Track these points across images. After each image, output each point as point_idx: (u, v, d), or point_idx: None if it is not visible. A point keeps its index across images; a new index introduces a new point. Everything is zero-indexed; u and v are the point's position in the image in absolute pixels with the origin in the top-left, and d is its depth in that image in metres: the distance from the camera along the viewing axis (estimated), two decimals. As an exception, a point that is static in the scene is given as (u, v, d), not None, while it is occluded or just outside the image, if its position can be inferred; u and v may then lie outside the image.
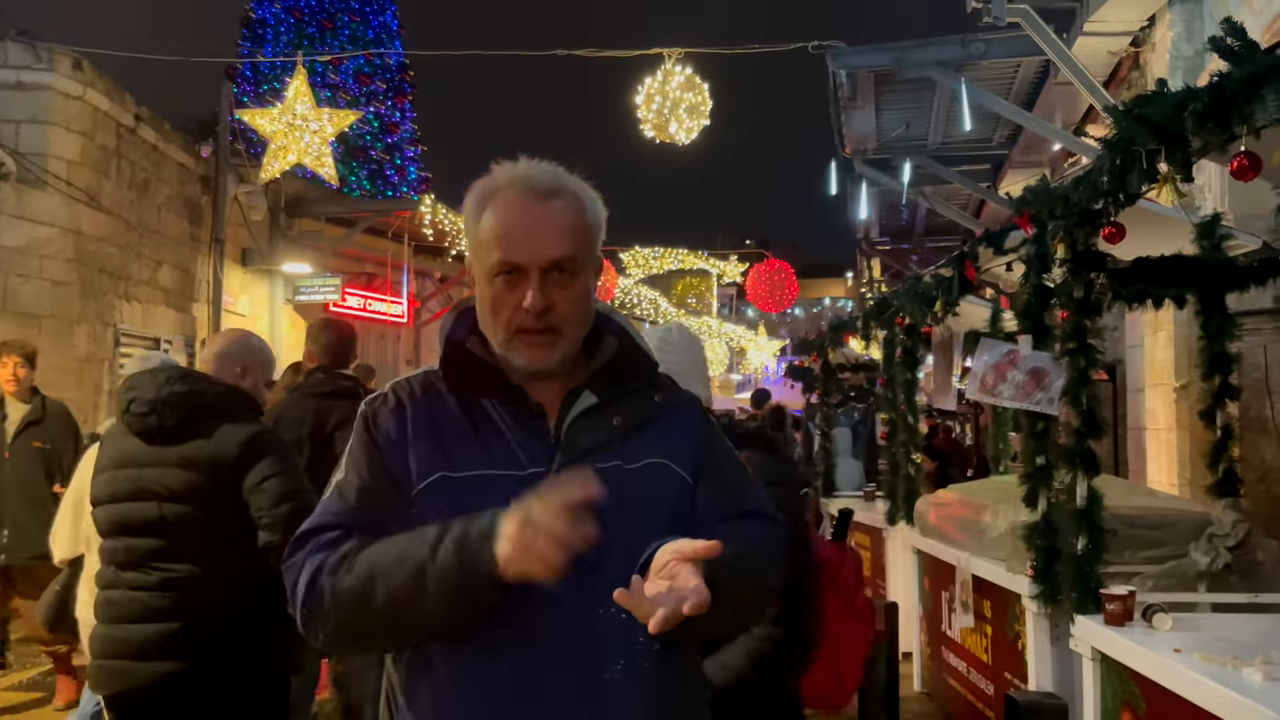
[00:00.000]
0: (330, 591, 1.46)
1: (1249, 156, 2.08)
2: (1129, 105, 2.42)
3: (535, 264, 1.51)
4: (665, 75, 8.03)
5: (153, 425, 2.91)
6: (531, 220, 1.52)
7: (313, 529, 1.55)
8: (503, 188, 1.56)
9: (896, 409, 6.55)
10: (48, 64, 8.98)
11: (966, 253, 4.21)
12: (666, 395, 1.67)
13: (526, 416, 1.57)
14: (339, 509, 1.54)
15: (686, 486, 1.61)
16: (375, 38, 22.48)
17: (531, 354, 1.54)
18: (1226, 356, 4.15)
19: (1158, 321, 6.73)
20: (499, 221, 1.53)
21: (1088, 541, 3.51)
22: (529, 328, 1.53)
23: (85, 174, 9.41)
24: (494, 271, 1.53)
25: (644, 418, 1.61)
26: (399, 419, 1.58)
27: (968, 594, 5.14)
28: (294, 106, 9.38)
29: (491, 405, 1.57)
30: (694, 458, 1.63)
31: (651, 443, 1.59)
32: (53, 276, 9.01)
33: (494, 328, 1.56)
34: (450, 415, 1.57)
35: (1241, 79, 1.98)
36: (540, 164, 1.59)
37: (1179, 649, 2.99)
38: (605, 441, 1.56)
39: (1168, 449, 6.63)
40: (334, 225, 14.67)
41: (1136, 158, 2.48)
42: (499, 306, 1.54)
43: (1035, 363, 4.06)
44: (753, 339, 32.00)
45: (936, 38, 7.74)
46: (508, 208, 1.54)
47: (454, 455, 1.53)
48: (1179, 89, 2.25)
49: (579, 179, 1.61)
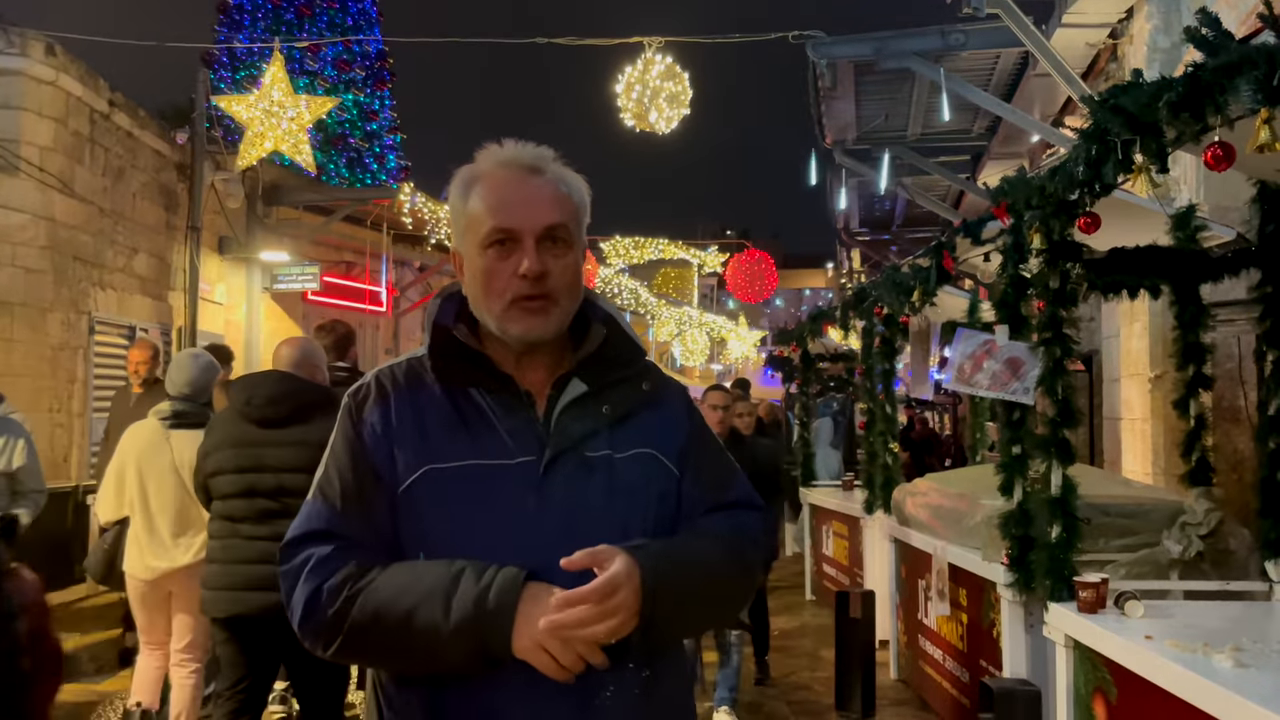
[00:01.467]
0: (331, 619, 1.46)
1: (1223, 147, 2.09)
2: (1104, 95, 2.43)
3: (530, 230, 1.51)
4: (645, 64, 8.00)
5: (270, 414, 3.81)
6: (524, 190, 1.53)
7: (301, 536, 1.53)
8: (490, 169, 1.56)
9: (875, 398, 6.57)
10: (20, 49, 8.83)
11: (944, 243, 4.23)
12: (654, 383, 1.66)
13: (515, 404, 1.54)
14: (324, 514, 1.52)
15: (673, 478, 1.60)
16: (354, 25, 22.27)
17: (529, 322, 1.52)
18: (1201, 347, 4.18)
19: (1133, 312, 6.78)
20: (489, 193, 1.53)
21: (1062, 530, 3.54)
22: (526, 294, 1.51)
23: (58, 160, 9.28)
24: (487, 242, 1.52)
25: (632, 406, 1.59)
26: (383, 410, 1.55)
27: (944, 582, 5.18)
28: (271, 93, 9.28)
29: (479, 393, 1.54)
30: (679, 449, 1.62)
31: (639, 432, 1.58)
32: (25, 264, 8.88)
33: (487, 300, 1.53)
34: (436, 404, 1.54)
35: (1215, 69, 1.99)
36: (526, 144, 1.59)
37: (1150, 635, 3.02)
38: (595, 430, 1.54)
39: (1142, 439, 6.68)
40: (312, 213, 14.53)
41: (1112, 148, 2.49)
42: (493, 277, 1.52)
43: (1011, 352, 4.08)
44: (733, 329, 32.05)
45: (916, 28, 7.75)
46: (498, 183, 1.54)
47: (440, 446, 1.51)
48: (1154, 80, 2.26)
49: (563, 163, 1.61)
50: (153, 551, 4.50)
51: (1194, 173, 6.12)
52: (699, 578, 1.52)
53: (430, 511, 1.49)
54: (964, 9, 6.75)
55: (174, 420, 4.59)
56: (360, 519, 1.51)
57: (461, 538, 1.47)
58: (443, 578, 1.44)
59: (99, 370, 10.13)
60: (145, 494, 4.54)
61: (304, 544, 1.52)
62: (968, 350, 4.19)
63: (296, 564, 1.51)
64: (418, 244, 16.05)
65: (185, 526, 4.52)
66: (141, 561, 4.52)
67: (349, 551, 1.50)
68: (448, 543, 1.48)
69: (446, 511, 1.49)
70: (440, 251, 16.13)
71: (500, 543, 1.46)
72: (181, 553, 4.50)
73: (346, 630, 1.46)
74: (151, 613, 4.64)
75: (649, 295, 25.10)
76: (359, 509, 1.51)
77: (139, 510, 4.54)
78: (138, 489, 4.54)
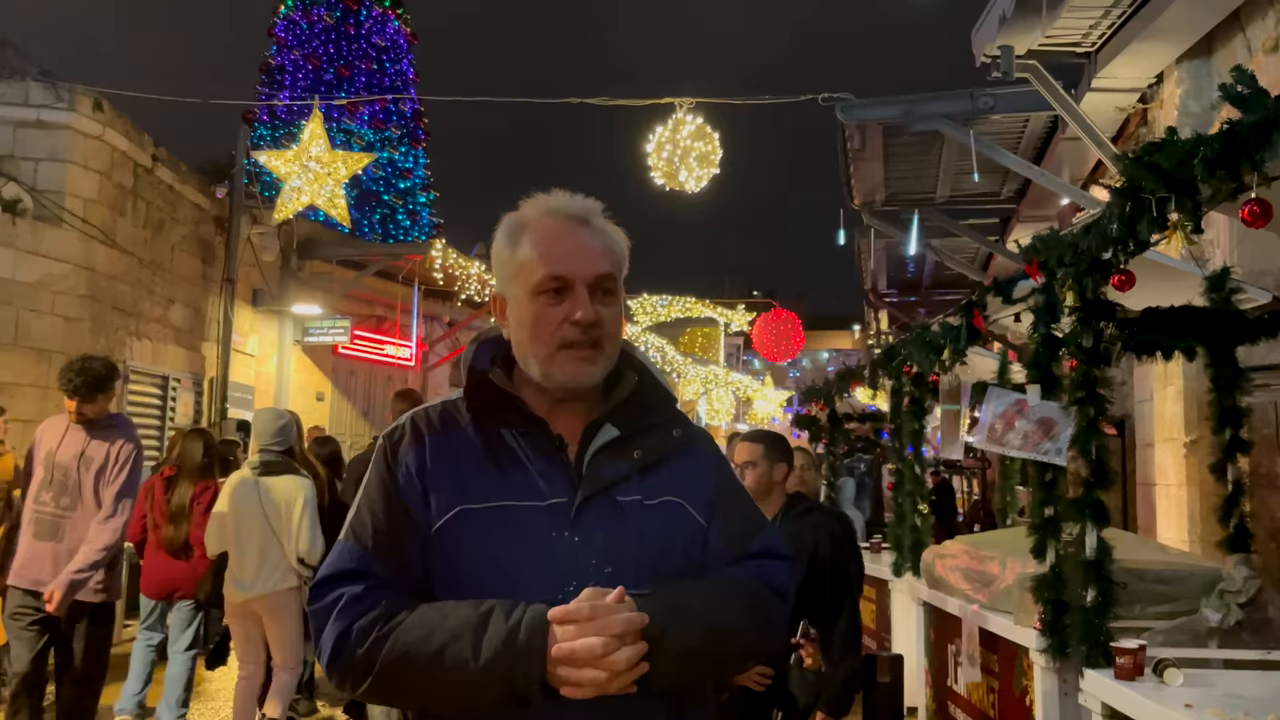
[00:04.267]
0: (361, 659, 1.47)
1: (1259, 204, 2.08)
2: (1139, 152, 2.43)
3: (582, 278, 1.55)
4: (676, 124, 8.12)
5: None
6: (575, 239, 1.57)
7: (332, 576, 1.54)
8: (538, 217, 1.60)
9: (904, 459, 6.50)
10: (68, 104, 9.12)
11: (975, 301, 4.21)
12: (684, 431, 1.68)
13: (548, 447, 1.57)
14: (354, 554, 1.54)
15: (699, 528, 1.61)
16: (391, 85, 22.81)
17: (577, 368, 1.55)
18: (1237, 410, 4.12)
19: (1167, 376, 6.71)
20: (541, 241, 1.57)
21: (1097, 593, 3.46)
22: (575, 341, 1.54)
23: (101, 212, 9.51)
24: (538, 289, 1.55)
25: (662, 452, 1.62)
26: (418, 452, 1.57)
27: (974, 647, 5.07)
28: (309, 148, 9.48)
29: (512, 436, 1.57)
30: (707, 499, 1.64)
31: (669, 479, 1.60)
32: (65, 312, 9.05)
33: (535, 346, 1.56)
34: (470, 446, 1.57)
35: (1251, 125, 1.99)
36: (574, 195, 1.63)
37: (1190, 704, 2.94)
38: (626, 475, 1.57)
39: (1178, 505, 6.56)
40: (345, 268, 14.75)
41: (1146, 205, 2.49)
42: (543, 323, 1.55)
43: (1043, 412, 4.04)
44: (759, 389, 31.93)
45: (946, 91, 7.82)
46: (548, 231, 1.58)
47: (474, 487, 1.53)
48: (1189, 137, 2.26)
49: (608, 217, 1.66)
50: (243, 580, 5.32)
51: (1228, 236, 6.09)
52: (711, 609, 1.52)
53: (463, 551, 1.51)
54: (993, 73, 6.81)
55: (262, 469, 5.39)
56: (391, 559, 1.53)
57: (494, 577, 1.49)
58: (471, 617, 1.44)
59: (132, 419, 10.24)
60: (239, 533, 5.33)
61: (335, 583, 1.53)
62: (999, 410, 4.15)
63: (327, 603, 1.52)
64: (447, 299, 16.20)
65: (267, 559, 5.30)
66: (234, 588, 5.36)
67: (379, 592, 1.50)
68: (479, 581, 1.49)
69: (479, 551, 1.51)
70: (470, 307, 16.26)
71: (532, 583, 1.48)
72: (263, 581, 5.30)
73: (376, 670, 1.46)
74: (246, 630, 5.50)
75: (675, 353, 25.14)
76: (390, 549, 1.53)
77: (233, 545, 5.35)
78: (233, 528, 5.34)
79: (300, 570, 5.37)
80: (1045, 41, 6.75)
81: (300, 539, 5.30)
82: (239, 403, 12.35)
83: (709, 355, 30.36)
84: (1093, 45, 6.83)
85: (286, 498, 5.35)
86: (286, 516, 5.32)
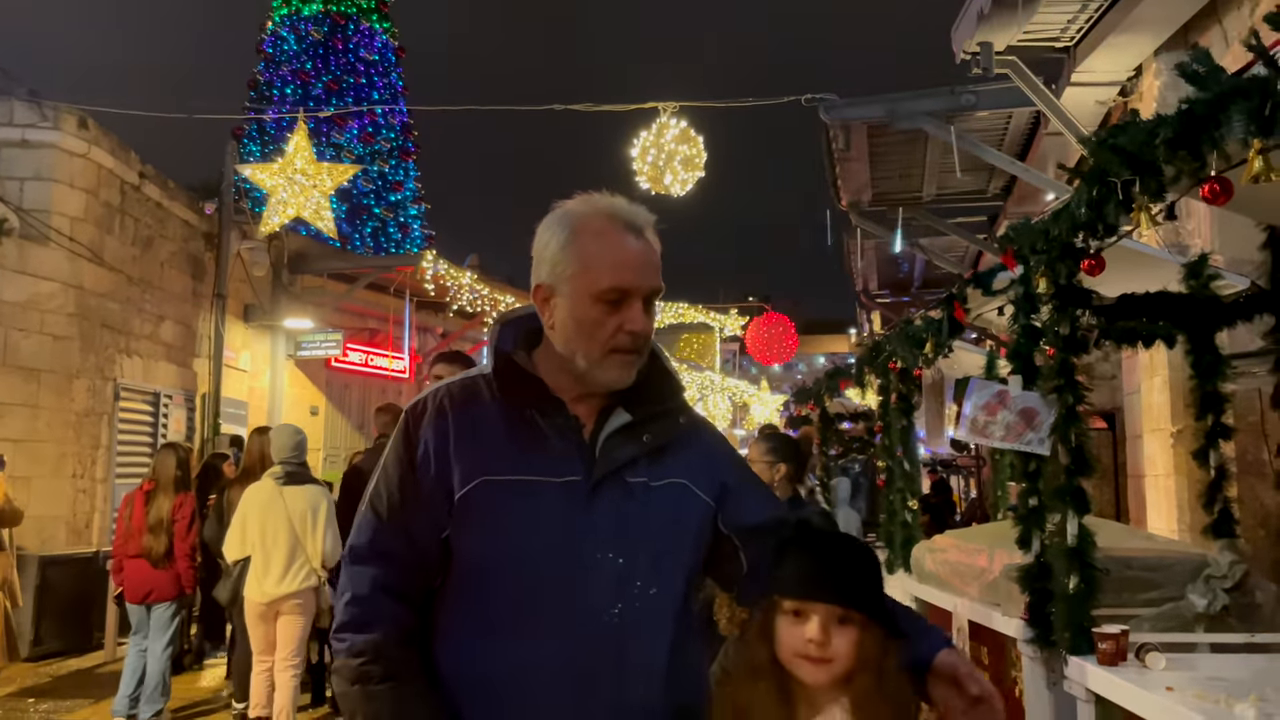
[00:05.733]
0: (343, 685, 1.62)
1: (1220, 182, 2.09)
2: (1102, 136, 2.45)
3: (641, 292, 1.66)
4: (660, 128, 8.14)
5: None
6: (638, 252, 1.67)
7: (353, 547, 1.69)
8: (599, 217, 1.68)
9: (893, 456, 6.50)
10: (53, 122, 9.13)
11: (955, 294, 4.22)
12: (690, 417, 1.81)
13: (566, 429, 1.67)
14: (373, 524, 1.67)
15: (706, 508, 1.74)
16: (380, 99, 22.84)
17: (622, 372, 1.67)
18: (1219, 396, 4.12)
19: (1153, 367, 6.72)
20: (608, 250, 1.65)
21: (1080, 581, 3.46)
22: (626, 348, 1.66)
23: (88, 230, 9.51)
24: (602, 296, 1.64)
25: (670, 437, 1.73)
26: (440, 426, 1.67)
27: (964, 641, 5.06)
28: (294, 161, 9.49)
29: (534, 415, 1.67)
30: (717, 480, 1.76)
31: (675, 463, 1.72)
32: (53, 331, 9.05)
33: (586, 345, 1.66)
34: (492, 420, 1.67)
35: (1207, 102, 2.00)
36: (625, 201, 1.72)
37: (1172, 687, 2.93)
38: (635, 457, 1.68)
39: (1166, 495, 6.57)
40: (336, 281, 14.77)
41: (1112, 188, 2.50)
42: (598, 328, 1.65)
43: (1026, 403, 4.04)
44: (756, 394, 31.95)
45: (927, 89, 7.84)
46: (613, 238, 1.66)
47: (495, 460, 1.64)
48: (1150, 118, 2.27)
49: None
50: (270, 581, 5.73)
51: (1209, 225, 6.11)
52: None
53: (483, 518, 1.62)
54: (973, 70, 6.83)
55: (285, 479, 5.86)
56: (402, 532, 1.65)
57: (511, 546, 1.61)
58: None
59: (123, 436, 10.24)
60: (264, 537, 5.75)
61: (357, 557, 1.68)
62: (981, 401, 4.15)
63: (344, 580, 1.69)
64: (440, 310, 16.22)
65: (295, 561, 5.75)
66: (260, 589, 5.76)
67: (388, 608, 1.64)
68: (497, 549, 1.61)
69: (498, 520, 1.62)
70: (462, 318, 16.27)
71: (545, 554, 1.60)
72: (289, 582, 5.74)
73: (352, 689, 1.62)
74: (266, 628, 5.86)
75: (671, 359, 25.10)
76: (401, 523, 1.65)
77: (258, 550, 5.76)
78: (258, 534, 5.77)
79: (321, 573, 5.89)
80: (1024, 37, 6.76)
81: (324, 543, 5.82)
82: (232, 418, 12.34)
83: (704, 361, 30.36)
84: (1071, 40, 6.85)
85: (310, 504, 5.86)
86: (313, 521, 5.82)
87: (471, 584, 1.63)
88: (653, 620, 1.63)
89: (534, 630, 1.58)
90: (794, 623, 1.54)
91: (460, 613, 1.63)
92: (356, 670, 1.60)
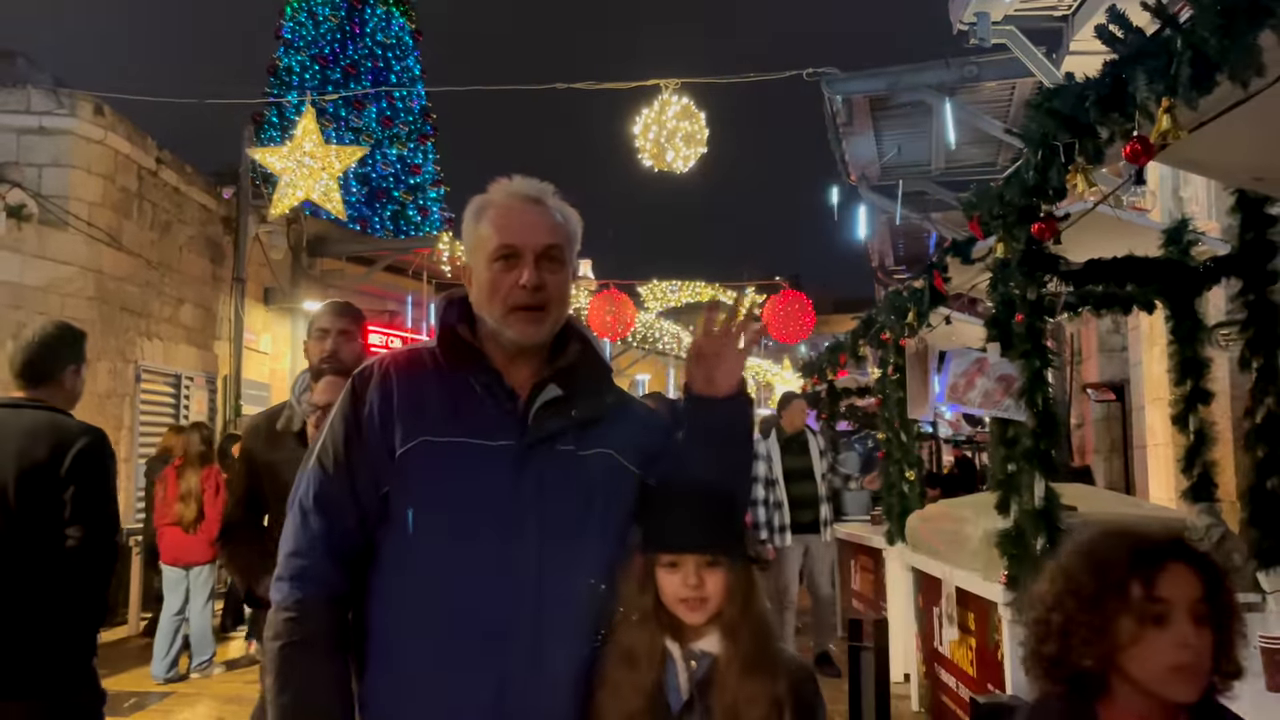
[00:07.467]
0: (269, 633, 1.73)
1: (1140, 141, 2.13)
2: (1039, 99, 2.49)
3: (530, 248, 1.79)
4: (662, 105, 8.18)
5: None
6: (527, 216, 1.82)
7: (299, 500, 1.79)
8: (499, 194, 1.85)
9: (891, 426, 6.55)
10: (70, 109, 9.30)
11: (934, 263, 4.26)
12: (617, 397, 1.93)
13: (502, 397, 1.80)
14: (319, 477, 1.78)
15: (631, 477, 1.84)
16: (397, 83, 22.97)
17: (523, 328, 1.79)
18: (1198, 361, 4.15)
19: (1153, 336, 6.70)
20: (497, 217, 1.82)
21: (1047, 541, 3.51)
22: (524, 304, 1.78)
23: (106, 215, 9.70)
24: (493, 257, 1.79)
25: (597, 413, 1.84)
26: (385, 388, 1.79)
27: (953, 607, 5.12)
28: (302, 144, 9.62)
29: (473, 383, 1.79)
30: (646, 451, 1.87)
31: (602, 436, 1.83)
32: (74, 314, 9.24)
33: (491, 306, 1.80)
34: (434, 387, 1.80)
35: (1121, 61, 2.04)
36: (530, 180, 1.88)
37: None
38: (564, 428, 1.80)
39: (1165, 464, 6.57)
40: (355, 264, 14.93)
41: (1055, 151, 2.54)
42: (497, 287, 1.79)
43: (1003, 370, 4.09)
44: (778, 373, 31.89)
45: (928, 61, 7.82)
46: (504, 208, 1.83)
47: (435, 422, 1.76)
48: (1081, 80, 2.31)
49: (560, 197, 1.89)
50: None
51: (1206, 194, 6.09)
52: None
53: (422, 476, 1.73)
54: (971, 40, 6.82)
55: None
56: (346, 486, 1.77)
57: (446, 502, 1.73)
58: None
59: (145, 417, 10.46)
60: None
61: (302, 509, 1.79)
62: (960, 369, 4.20)
63: (287, 530, 1.79)
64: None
65: None
66: None
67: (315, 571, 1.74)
68: (433, 504, 1.73)
69: (435, 478, 1.74)
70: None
71: (478, 511, 1.72)
72: None
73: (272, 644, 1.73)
74: None
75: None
76: (346, 477, 1.77)
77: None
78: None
79: None
80: (1021, 6, 6.74)
81: None
82: (254, 399, 12.54)
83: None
84: (1069, 8, 6.81)
85: None
86: None
87: (405, 538, 1.74)
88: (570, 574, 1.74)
89: (462, 582, 1.70)
90: (671, 572, 1.74)
91: (392, 567, 1.74)
92: (281, 624, 1.71)
